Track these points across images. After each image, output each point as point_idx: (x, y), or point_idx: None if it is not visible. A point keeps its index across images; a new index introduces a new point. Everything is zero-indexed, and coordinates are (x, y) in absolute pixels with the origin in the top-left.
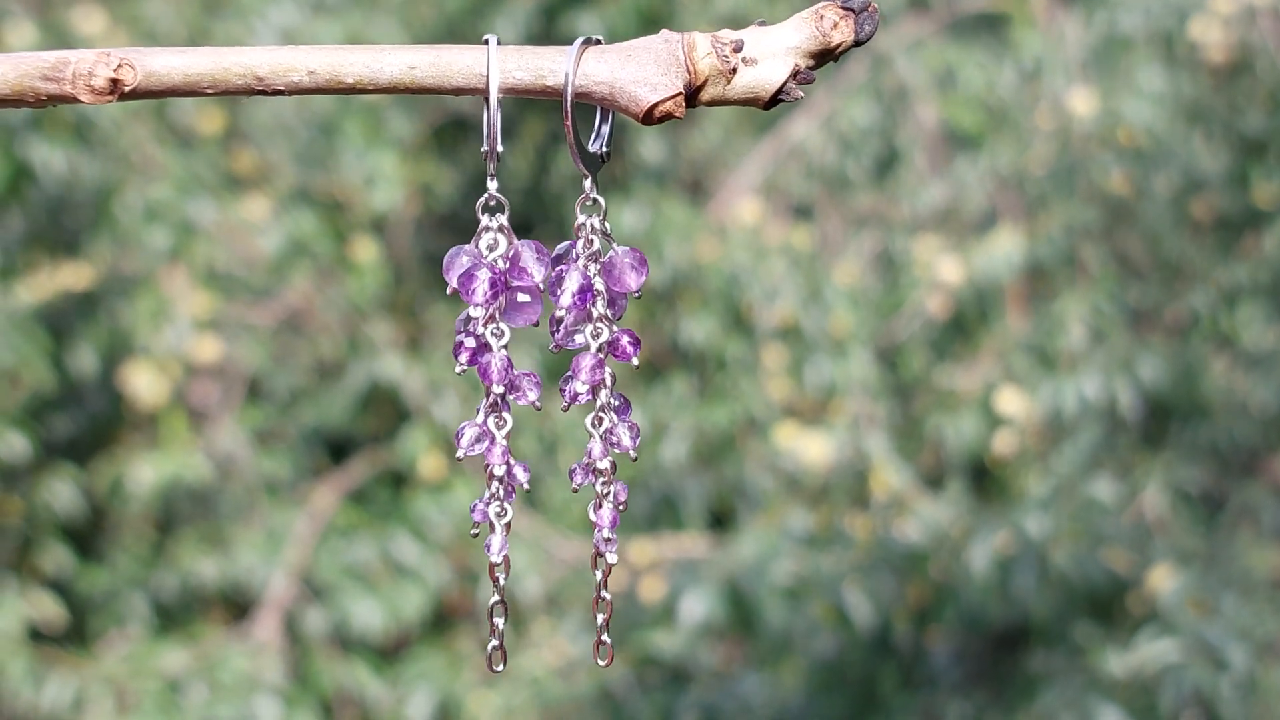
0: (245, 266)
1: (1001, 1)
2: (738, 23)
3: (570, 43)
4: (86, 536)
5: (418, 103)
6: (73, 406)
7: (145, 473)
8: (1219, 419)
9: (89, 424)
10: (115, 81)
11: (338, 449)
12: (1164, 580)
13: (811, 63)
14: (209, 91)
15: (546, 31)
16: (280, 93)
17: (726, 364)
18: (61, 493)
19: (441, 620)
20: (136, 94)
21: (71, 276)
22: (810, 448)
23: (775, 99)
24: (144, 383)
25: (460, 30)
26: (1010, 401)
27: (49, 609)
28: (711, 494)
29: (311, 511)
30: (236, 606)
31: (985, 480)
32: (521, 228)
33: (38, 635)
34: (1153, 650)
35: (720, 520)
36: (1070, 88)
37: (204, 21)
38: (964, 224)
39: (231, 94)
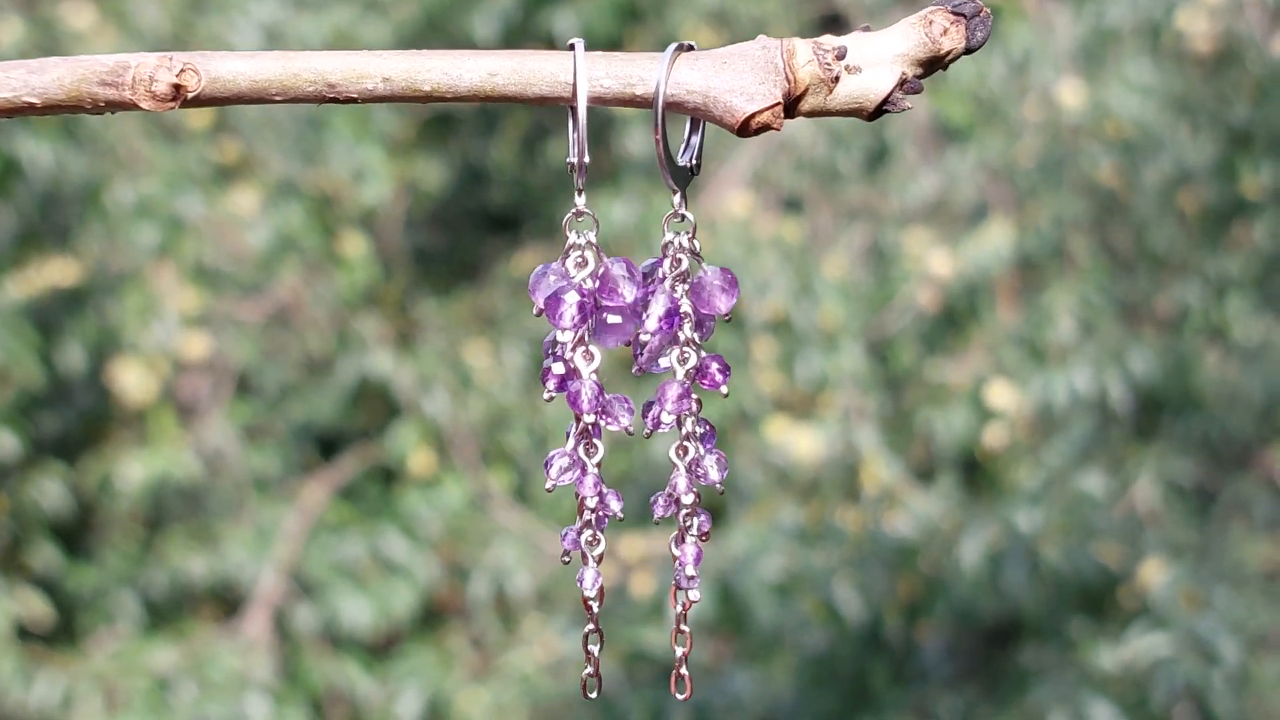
0: (234, 262)
1: None
2: (724, 17)
3: (551, 38)
4: (75, 534)
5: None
6: (61, 404)
7: (134, 470)
8: (1210, 411)
9: (77, 421)
10: (178, 88)
11: (327, 445)
12: (1155, 574)
13: (919, 71)
14: (278, 98)
15: (524, 27)
16: (353, 100)
17: None
18: (50, 490)
19: (432, 617)
20: (200, 101)
21: (59, 273)
22: (800, 442)
23: (880, 109)
24: (132, 379)
25: (441, 25)
26: (1001, 394)
27: (37, 607)
28: (702, 489)
29: (301, 508)
30: (226, 604)
31: (976, 474)
32: (509, 221)
33: (26, 634)
34: (1144, 644)
35: (711, 515)
36: (1059, 80)
37: (188, 16)
38: (954, 217)
39: (301, 100)
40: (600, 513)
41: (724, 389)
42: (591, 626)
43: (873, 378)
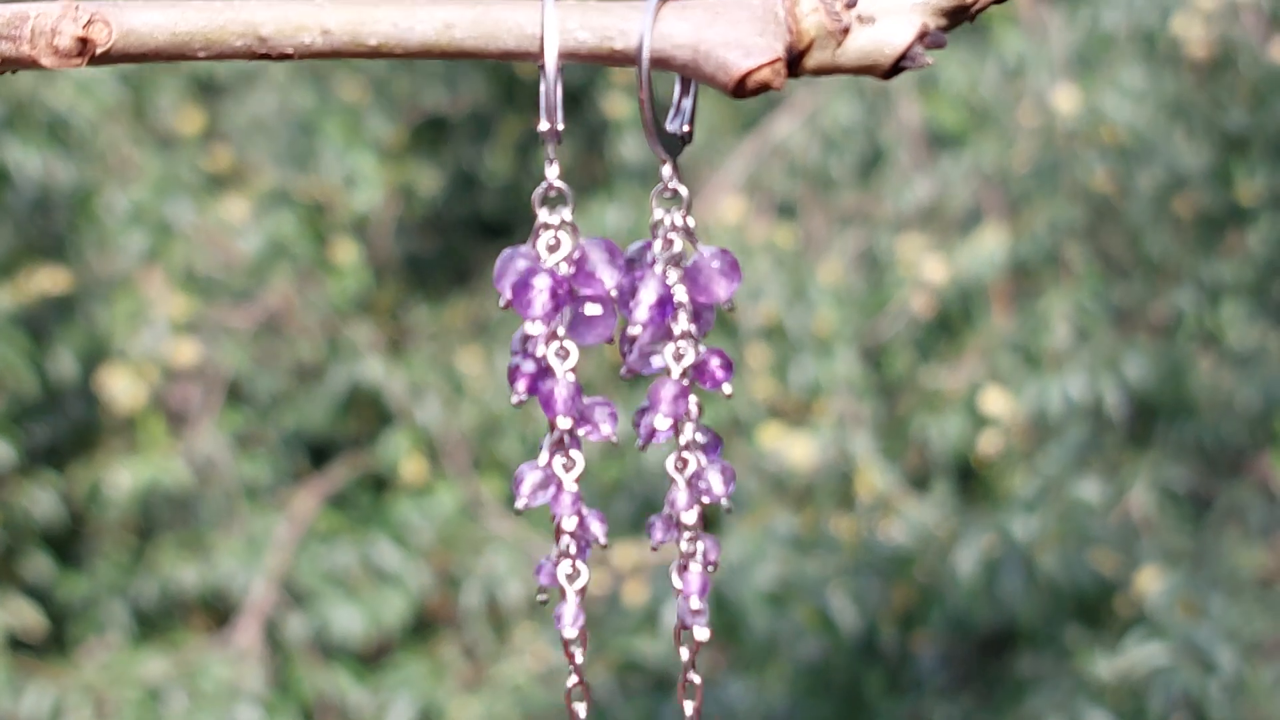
0: (224, 269)
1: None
2: None
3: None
4: (65, 543)
5: (397, 101)
6: (51, 411)
7: (124, 478)
8: (1205, 417)
9: (68, 429)
10: (85, 41)
11: (318, 453)
12: (1151, 581)
13: (943, 21)
14: (201, 55)
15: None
16: (287, 56)
17: None
18: (41, 499)
19: (423, 626)
20: (111, 57)
21: (50, 280)
22: (795, 449)
23: (897, 66)
24: (123, 387)
25: None
26: (995, 401)
27: (29, 617)
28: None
29: (292, 516)
30: (217, 613)
31: (971, 481)
32: (502, 228)
33: (16, 644)
34: (1141, 652)
35: (705, 523)
36: (1053, 85)
37: None
38: (948, 223)
39: (228, 57)
40: (581, 539)
41: (727, 388)
42: (575, 680)
43: (867, 384)
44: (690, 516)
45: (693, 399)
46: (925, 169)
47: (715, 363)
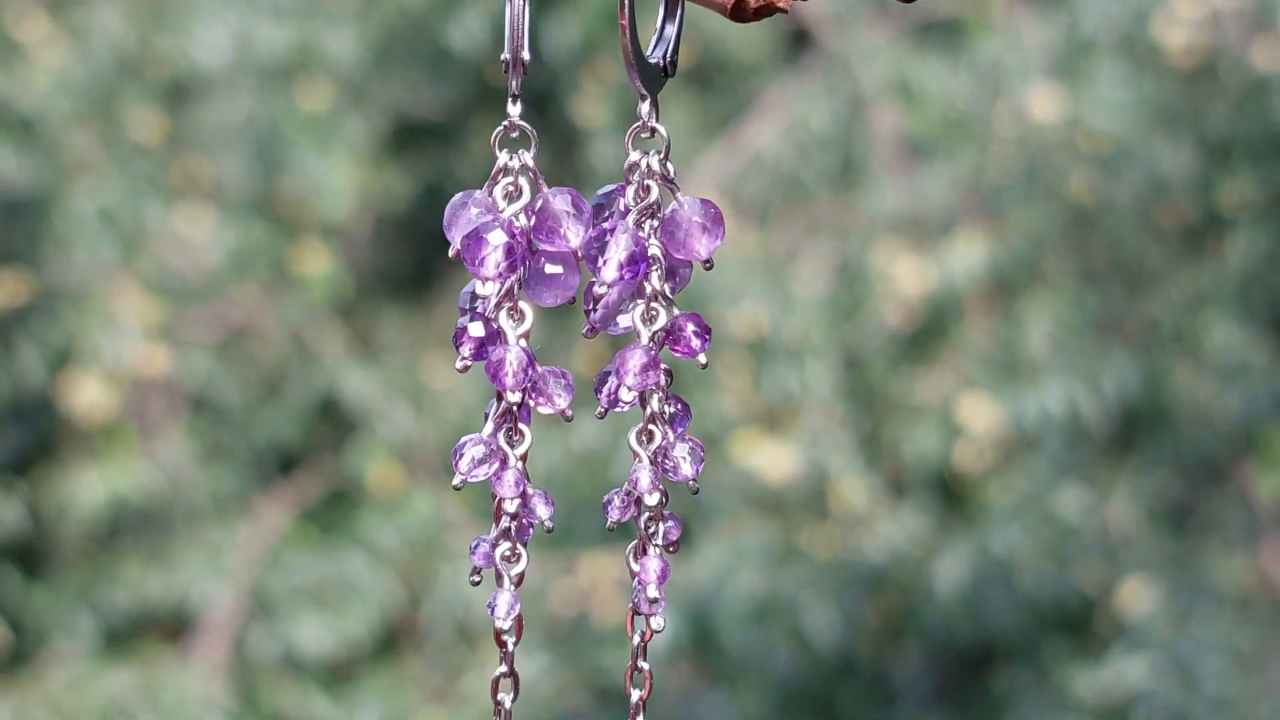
0: (192, 277)
1: (962, 6)
2: (689, 24)
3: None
4: (28, 555)
5: (374, 105)
6: (14, 421)
7: (90, 490)
8: (1186, 428)
9: (33, 439)
10: None
11: (288, 464)
12: (1133, 595)
13: None
14: None
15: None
16: None
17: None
18: (5, 511)
19: (393, 639)
20: None
21: (11, 286)
22: (770, 461)
23: None
24: (88, 396)
25: (427, 28)
26: (974, 412)
27: None
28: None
29: (260, 528)
30: (182, 626)
31: (950, 493)
32: None
33: None
34: (1123, 666)
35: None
36: (1032, 93)
37: (149, 30)
38: (926, 231)
39: None
40: (523, 520)
41: (702, 357)
42: (504, 669)
43: (844, 395)
44: (653, 498)
45: (662, 366)
46: (903, 178)
47: (690, 328)
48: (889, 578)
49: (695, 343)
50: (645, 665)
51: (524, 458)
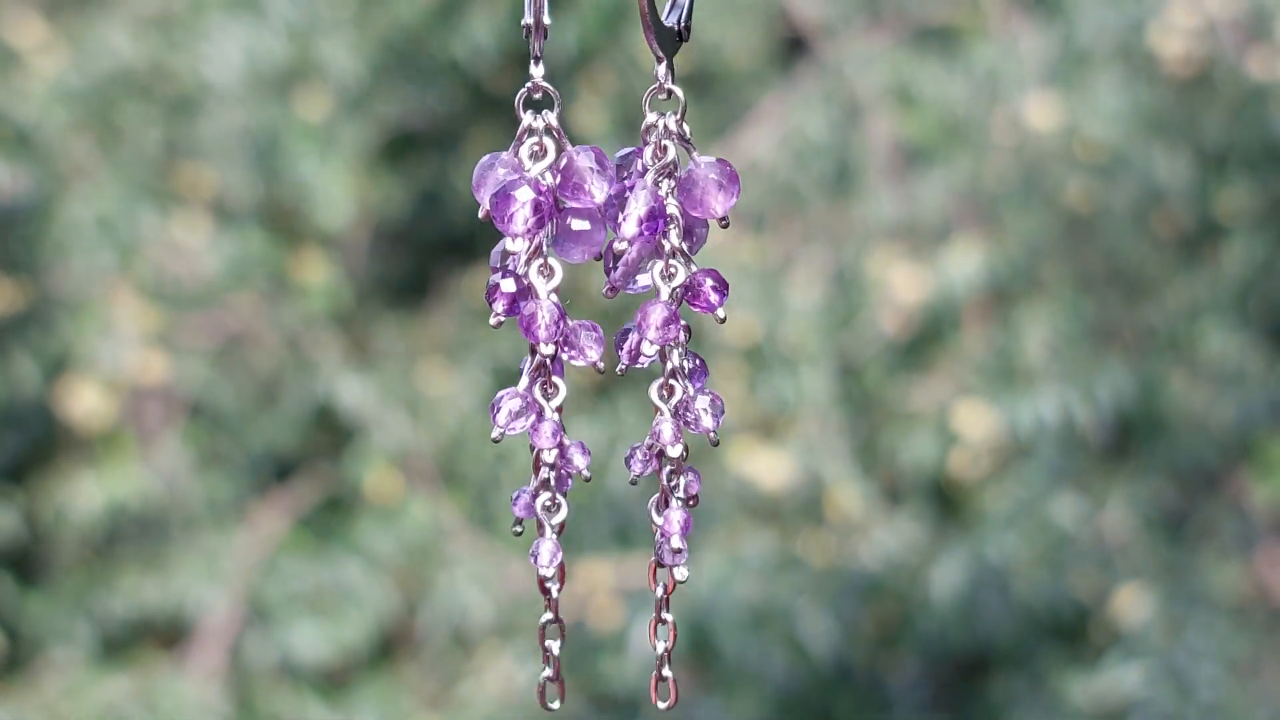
0: (190, 284)
1: (958, 14)
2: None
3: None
4: (24, 562)
5: (372, 114)
6: (11, 428)
7: (87, 497)
8: (1181, 436)
9: (30, 446)
10: None
11: (285, 471)
12: (1129, 602)
13: None
14: None
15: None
16: None
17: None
18: (2, 518)
19: (389, 645)
20: None
21: (8, 293)
22: (766, 468)
23: None
24: (85, 403)
25: (424, 42)
26: (970, 420)
27: None
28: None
29: (257, 535)
30: (179, 633)
31: (946, 501)
32: (472, 247)
33: None
34: (1118, 674)
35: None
36: (1029, 101)
37: (157, 52)
38: (922, 239)
39: None
40: (561, 469)
41: (720, 313)
42: (550, 616)
43: (840, 403)
44: (676, 450)
45: (682, 322)
46: (899, 186)
47: (708, 283)
48: (885, 585)
49: (714, 297)
50: (669, 617)
51: (559, 409)
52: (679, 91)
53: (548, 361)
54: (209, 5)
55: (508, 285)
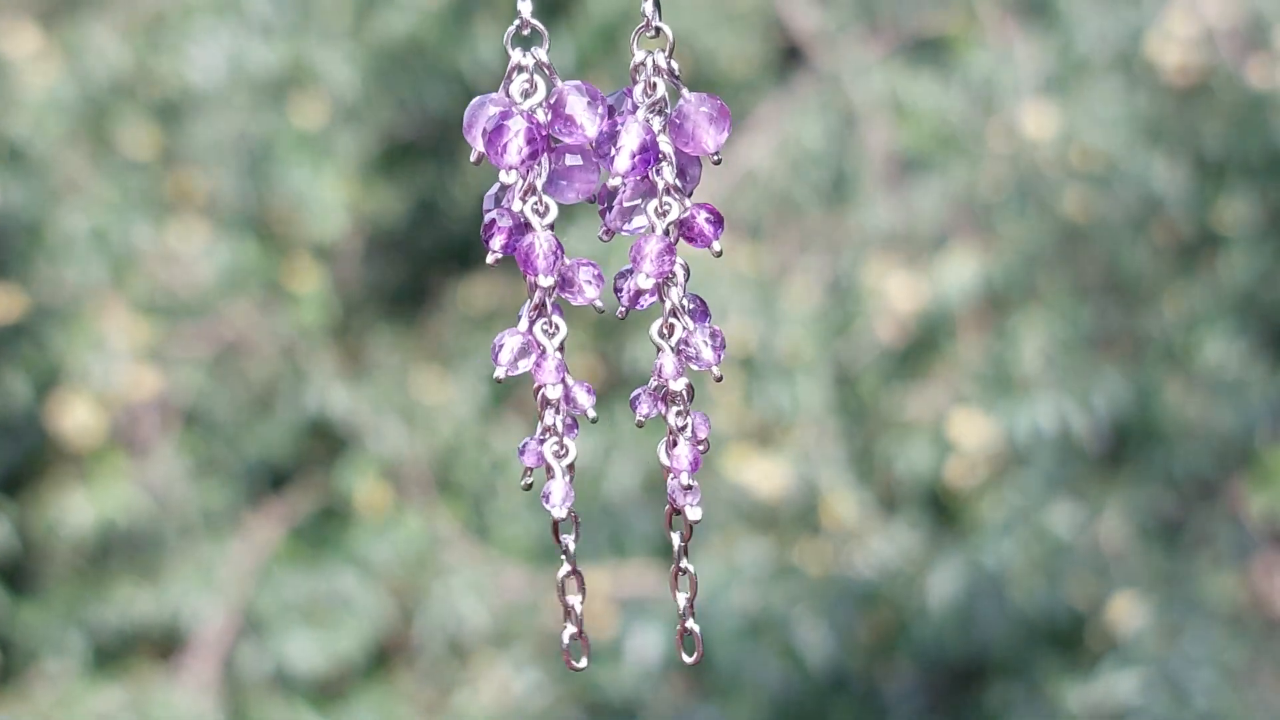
0: (184, 293)
1: (954, 23)
2: (680, 40)
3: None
4: (17, 573)
5: (366, 123)
6: (2, 442)
7: (79, 513)
8: (1178, 444)
9: (21, 458)
10: None
11: (279, 480)
12: (1124, 610)
13: None
14: None
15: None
16: None
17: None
18: None
19: (384, 655)
20: None
21: (1, 306)
22: (762, 477)
23: None
24: (78, 415)
25: (424, 52)
26: (967, 428)
27: None
28: (662, 524)
29: (251, 545)
30: (173, 644)
31: (942, 509)
32: (466, 255)
33: None
34: (1114, 681)
35: (671, 548)
36: (1026, 110)
37: (146, 56)
38: (918, 247)
39: None
40: (566, 409)
41: (716, 245)
42: (568, 568)
43: (836, 411)
44: (679, 385)
45: (679, 260)
46: (896, 194)
47: (703, 217)
48: (881, 593)
49: (709, 230)
50: (690, 566)
51: (561, 347)
52: (667, 29)
53: (547, 300)
54: (197, 9)
55: (504, 221)
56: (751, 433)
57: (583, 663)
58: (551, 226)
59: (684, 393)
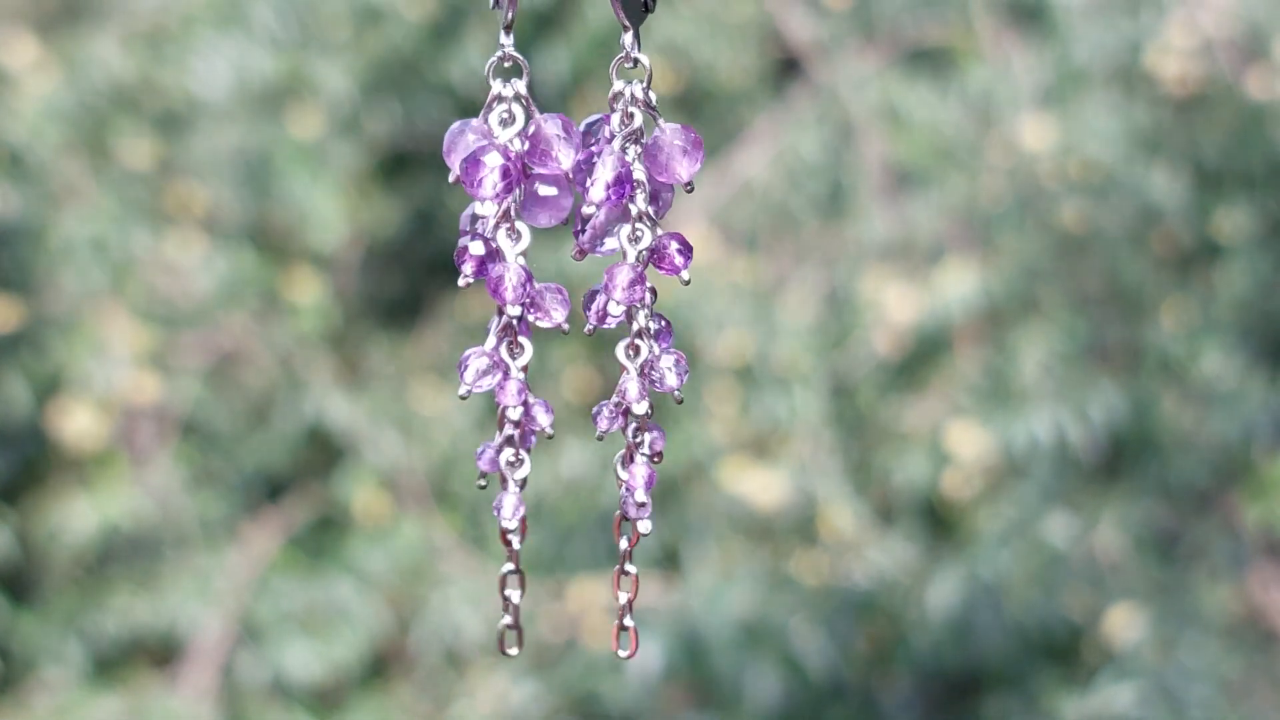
0: (183, 303)
1: (951, 36)
2: (678, 51)
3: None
4: (16, 582)
5: (364, 133)
6: (2, 448)
7: (81, 518)
8: (1174, 456)
9: (21, 466)
10: None
11: (276, 490)
12: (1121, 622)
13: None
14: None
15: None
16: None
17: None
18: None
19: (381, 665)
20: None
21: (1, 314)
22: (760, 488)
23: None
24: (78, 423)
25: (417, 64)
26: (964, 439)
27: None
28: (661, 535)
29: (248, 555)
30: (171, 653)
31: (938, 520)
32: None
33: None
34: (1110, 693)
35: (670, 559)
36: (1024, 122)
37: (148, 67)
38: (915, 260)
39: None
40: (525, 427)
41: (685, 275)
42: (511, 566)
43: (833, 423)
44: (641, 407)
45: (648, 284)
46: (893, 207)
47: (673, 246)
48: (878, 604)
49: (679, 260)
50: (632, 569)
51: (525, 368)
52: (645, 60)
53: (514, 322)
54: (199, 20)
55: (476, 248)
56: (748, 444)
57: (514, 650)
58: (524, 253)
59: (645, 413)
